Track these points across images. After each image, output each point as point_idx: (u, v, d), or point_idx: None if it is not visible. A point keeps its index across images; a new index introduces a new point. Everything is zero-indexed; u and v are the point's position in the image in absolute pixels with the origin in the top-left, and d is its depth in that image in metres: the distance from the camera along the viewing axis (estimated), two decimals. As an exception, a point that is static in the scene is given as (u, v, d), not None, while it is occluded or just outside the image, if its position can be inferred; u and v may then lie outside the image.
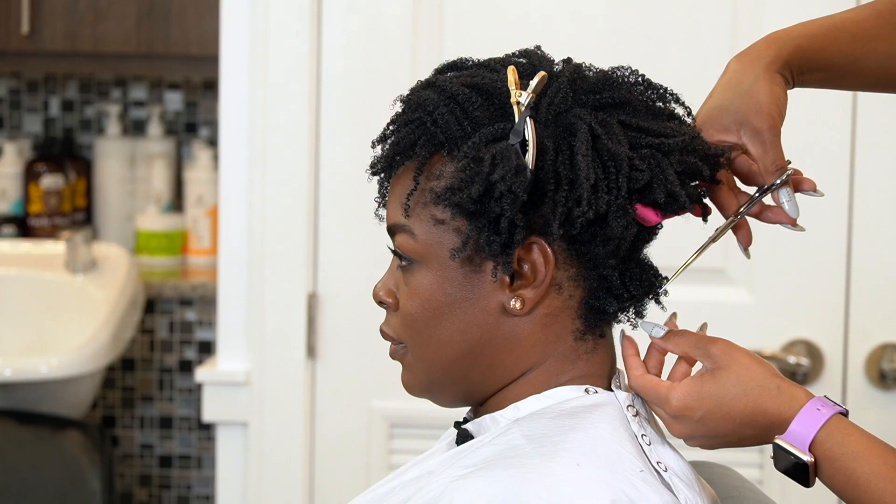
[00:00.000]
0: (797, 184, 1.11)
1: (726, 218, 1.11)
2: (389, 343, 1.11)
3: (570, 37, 2.01)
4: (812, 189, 1.11)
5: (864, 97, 1.99)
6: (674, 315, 1.09)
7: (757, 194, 1.10)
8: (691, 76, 1.98)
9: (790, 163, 1.11)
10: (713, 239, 1.11)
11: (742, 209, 1.10)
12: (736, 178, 1.13)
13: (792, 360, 2.01)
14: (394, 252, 1.09)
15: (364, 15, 2.05)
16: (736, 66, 1.12)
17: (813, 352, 2.02)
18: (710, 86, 2.06)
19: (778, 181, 1.09)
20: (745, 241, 1.12)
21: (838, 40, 1.14)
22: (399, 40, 2.04)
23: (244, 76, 2.06)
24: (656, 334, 1.07)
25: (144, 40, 2.61)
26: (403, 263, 1.07)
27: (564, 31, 2.02)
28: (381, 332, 1.11)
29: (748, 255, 1.12)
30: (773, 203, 1.12)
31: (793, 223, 1.11)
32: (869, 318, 2.01)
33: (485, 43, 1.96)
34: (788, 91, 1.12)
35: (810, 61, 1.13)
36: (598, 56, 1.15)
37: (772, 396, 1.01)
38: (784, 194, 1.10)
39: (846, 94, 2.00)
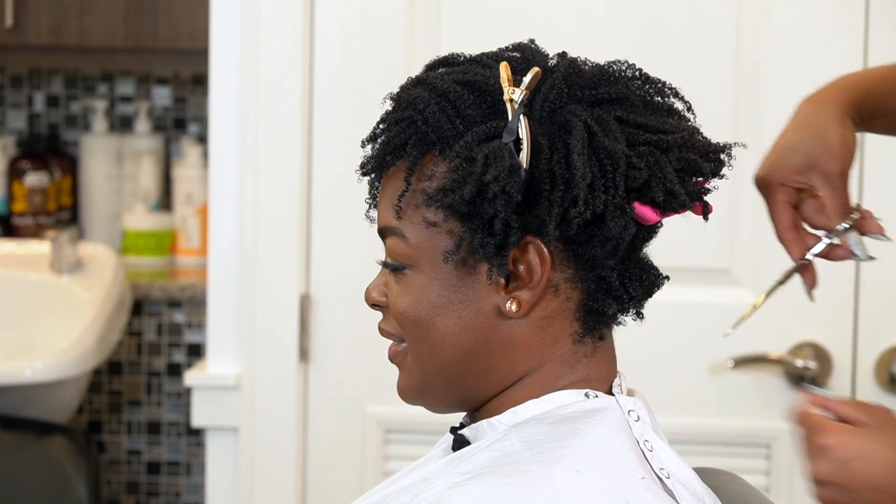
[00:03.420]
0: (863, 226, 1.14)
1: (793, 259, 1.14)
2: (387, 346, 1.10)
3: (571, 30, 2.02)
4: (879, 233, 1.15)
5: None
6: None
7: (825, 239, 1.14)
8: (695, 71, 1.98)
9: (858, 206, 1.15)
10: (781, 282, 1.15)
11: (810, 253, 1.14)
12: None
13: (799, 363, 2.01)
14: (383, 263, 1.07)
15: (358, 6, 2.04)
16: (808, 108, 1.15)
17: (821, 355, 2.02)
18: (714, 81, 2.04)
19: (844, 225, 1.13)
20: (811, 284, 1.15)
21: None
22: (394, 33, 2.03)
23: (235, 71, 2.05)
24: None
25: (132, 34, 2.61)
26: (394, 267, 1.06)
27: (564, 24, 2.03)
28: (381, 329, 1.09)
29: (812, 299, 1.16)
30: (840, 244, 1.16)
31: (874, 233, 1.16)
32: (878, 321, 2.01)
33: (482, 35, 1.96)
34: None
35: (878, 106, 1.16)
36: (600, 51, 1.14)
37: None
38: (852, 238, 1.13)
39: (855, 90, 1.98)
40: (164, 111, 2.89)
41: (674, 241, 1.49)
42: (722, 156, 1.06)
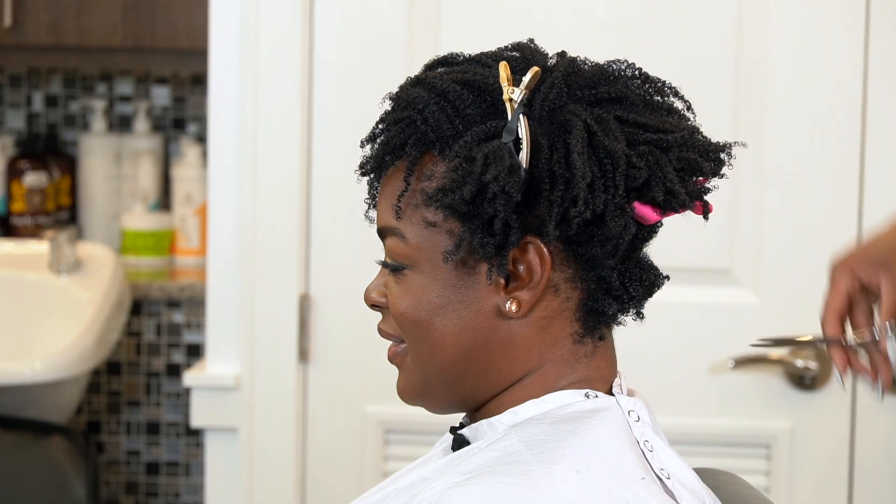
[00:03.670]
0: None
1: (823, 330, 1.22)
2: (387, 346, 1.09)
3: (571, 30, 2.01)
4: None
5: (874, 93, 1.98)
6: None
7: (869, 334, 1.21)
8: (695, 71, 1.97)
9: None
10: (814, 342, 1.22)
11: (849, 338, 1.20)
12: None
13: (800, 363, 2.00)
14: (383, 264, 1.07)
15: (358, 6, 2.04)
16: None
17: (821, 355, 2.02)
18: (714, 81, 2.03)
19: (889, 329, 1.19)
20: (843, 368, 1.21)
21: None
22: (394, 33, 2.03)
23: (234, 70, 2.05)
24: None
25: (131, 33, 2.60)
26: (394, 268, 1.05)
27: (564, 24, 2.02)
28: (380, 330, 1.09)
29: (844, 385, 1.22)
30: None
31: (885, 380, 1.21)
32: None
33: (482, 35, 1.95)
34: None
35: None
36: (600, 51, 1.14)
37: None
38: (892, 343, 1.18)
39: (855, 89, 2.00)
40: (163, 111, 2.88)
41: (674, 241, 1.49)
42: (722, 155, 1.06)
